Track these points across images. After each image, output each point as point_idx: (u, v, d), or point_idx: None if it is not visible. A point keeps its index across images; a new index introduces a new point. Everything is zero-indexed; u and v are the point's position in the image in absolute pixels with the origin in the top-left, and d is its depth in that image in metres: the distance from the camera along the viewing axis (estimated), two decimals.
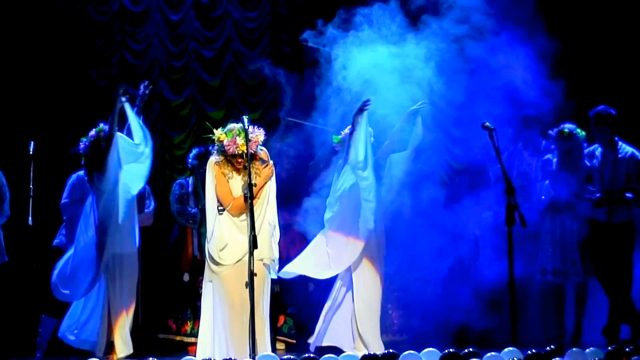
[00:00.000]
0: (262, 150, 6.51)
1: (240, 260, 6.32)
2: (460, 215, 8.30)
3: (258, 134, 6.44)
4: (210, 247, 6.39)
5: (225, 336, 6.30)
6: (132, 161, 7.01)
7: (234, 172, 6.47)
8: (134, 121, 7.04)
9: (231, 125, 6.49)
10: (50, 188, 8.37)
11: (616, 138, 8.15)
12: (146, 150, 7.02)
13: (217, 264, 6.38)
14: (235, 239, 6.37)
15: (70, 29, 9.38)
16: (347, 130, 7.32)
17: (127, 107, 7.02)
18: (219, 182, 6.43)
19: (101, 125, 7.25)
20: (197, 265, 8.37)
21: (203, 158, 8.26)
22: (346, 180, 7.25)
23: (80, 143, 7.34)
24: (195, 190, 8.51)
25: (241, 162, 6.41)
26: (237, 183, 6.44)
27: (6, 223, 7.92)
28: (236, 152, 6.37)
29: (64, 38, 9.34)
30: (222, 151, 6.44)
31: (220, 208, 6.43)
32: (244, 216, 6.38)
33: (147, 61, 9.68)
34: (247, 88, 9.82)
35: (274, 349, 7.21)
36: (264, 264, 6.39)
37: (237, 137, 6.36)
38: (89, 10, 9.50)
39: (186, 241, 8.55)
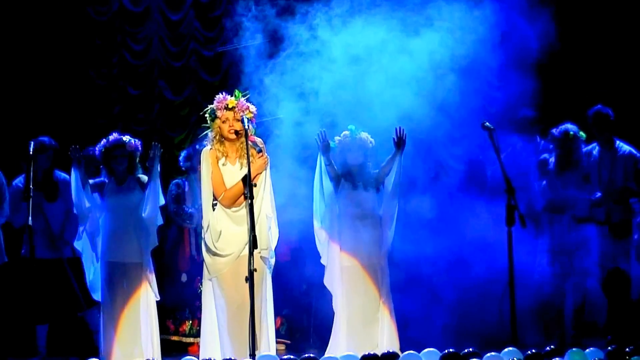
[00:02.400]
0: (257, 138, 6.36)
1: (238, 254, 6.20)
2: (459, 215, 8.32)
3: (251, 105, 6.35)
4: (207, 238, 6.29)
5: (226, 335, 6.25)
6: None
7: (228, 158, 6.32)
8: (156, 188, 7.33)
9: None
10: None
11: (614, 137, 8.16)
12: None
13: (215, 255, 6.25)
14: (231, 230, 6.24)
15: (70, 29, 9.38)
16: (339, 138, 7.37)
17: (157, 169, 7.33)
18: (213, 172, 6.30)
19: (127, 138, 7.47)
20: (195, 265, 8.37)
21: (192, 158, 8.33)
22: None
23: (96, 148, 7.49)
24: (192, 190, 8.52)
25: (233, 130, 6.23)
26: (230, 171, 6.30)
27: (6, 223, 7.93)
28: (226, 106, 6.24)
29: (64, 38, 9.33)
30: (214, 118, 6.31)
31: (214, 202, 6.31)
32: (237, 207, 6.26)
33: (147, 61, 9.69)
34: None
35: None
36: (261, 257, 6.24)
37: (227, 96, 6.31)
38: (89, 10, 9.50)
39: (183, 241, 8.55)
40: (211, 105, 6.36)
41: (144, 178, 7.45)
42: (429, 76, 7.53)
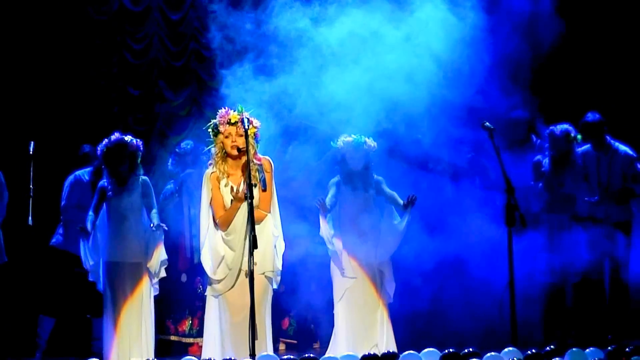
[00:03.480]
0: (266, 158, 6.34)
1: (236, 274, 6.18)
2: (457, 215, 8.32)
3: (254, 119, 6.31)
4: (204, 261, 6.30)
5: (228, 340, 6.22)
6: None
7: (230, 178, 6.28)
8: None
9: None
10: (50, 188, 8.38)
11: (608, 138, 8.16)
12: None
13: (214, 281, 6.26)
14: (226, 253, 6.23)
15: (70, 29, 9.38)
16: (340, 143, 7.38)
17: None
18: (214, 196, 6.27)
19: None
20: (195, 266, 8.37)
21: (180, 162, 8.32)
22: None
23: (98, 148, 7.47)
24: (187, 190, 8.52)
25: (235, 145, 6.19)
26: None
27: (6, 223, 7.93)
28: (228, 121, 6.22)
29: (64, 38, 9.33)
30: (217, 133, 6.29)
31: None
32: (230, 232, 6.23)
33: (147, 61, 9.68)
34: None
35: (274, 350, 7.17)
36: (265, 276, 6.22)
37: (230, 110, 6.29)
38: (89, 10, 9.49)
39: (183, 242, 8.52)
40: (214, 120, 6.36)
41: (146, 180, 7.46)
42: (418, 74, 7.55)
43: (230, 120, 6.25)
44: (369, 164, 7.43)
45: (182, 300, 8.50)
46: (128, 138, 7.46)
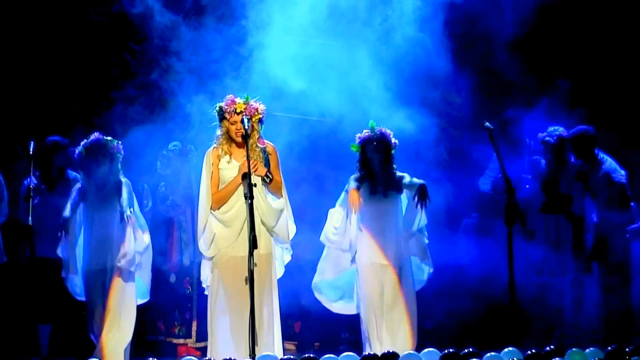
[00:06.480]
0: (269, 142, 6.42)
1: (230, 249, 6.28)
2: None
3: (259, 105, 6.35)
4: (201, 243, 6.37)
5: (229, 336, 6.25)
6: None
7: (233, 156, 6.35)
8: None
9: None
10: None
11: (597, 152, 8.16)
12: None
13: (209, 258, 6.38)
14: (221, 232, 6.33)
15: (70, 29, 9.38)
16: (358, 138, 7.29)
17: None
18: (214, 172, 6.34)
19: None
20: (184, 267, 8.36)
21: (167, 165, 8.30)
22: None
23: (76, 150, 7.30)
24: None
25: (240, 131, 6.24)
26: (236, 167, 6.30)
27: (6, 223, 7.92)
28: (234, 110, 6.27)
29: (64, 38, 9.33)
30: (222, 118, 6.34)
31: None
32: (226, 209, 6.32)
33: (147, 61, 9.67)
34: None
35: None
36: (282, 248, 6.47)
37: (236, 98, 6.34)
38: (89, 10, 9.49)
39: (173, 242, 8.49)
40: (220, 104, 6.37)
41: (127, 182, 7.17)
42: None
43: (236, 109, 6.30)
44: (389, 159, 7.17)
45: (171, 301, 8.45)
46: (108, 138, 7.18)
